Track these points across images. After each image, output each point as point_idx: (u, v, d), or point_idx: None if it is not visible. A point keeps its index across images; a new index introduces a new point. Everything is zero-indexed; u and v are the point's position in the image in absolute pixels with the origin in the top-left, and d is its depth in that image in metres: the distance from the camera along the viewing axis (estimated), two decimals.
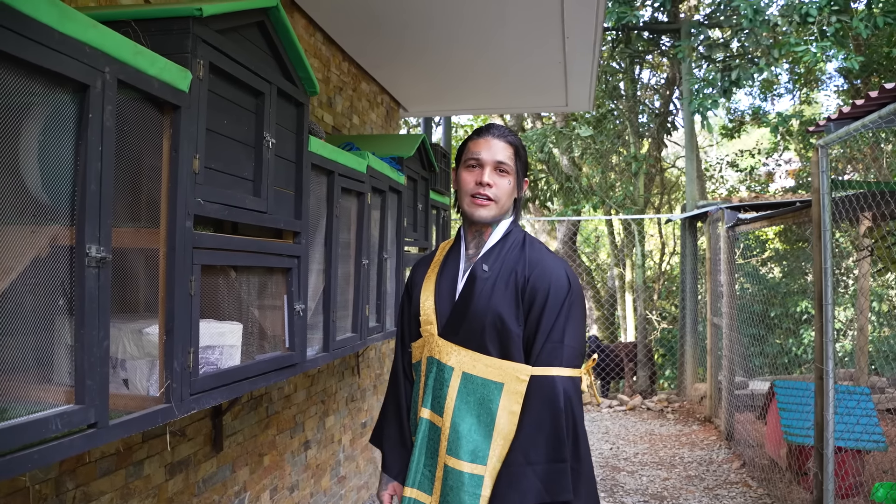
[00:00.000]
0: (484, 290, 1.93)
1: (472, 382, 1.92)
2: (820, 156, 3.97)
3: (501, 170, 1.97)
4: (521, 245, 1.99)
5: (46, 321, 1.46)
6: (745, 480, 5.69)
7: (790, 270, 10.87)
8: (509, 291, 1.91)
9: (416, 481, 1.97)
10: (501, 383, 1.89)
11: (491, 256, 1.98)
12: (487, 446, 1.89)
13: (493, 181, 1.96)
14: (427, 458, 1.97)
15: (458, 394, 1.92)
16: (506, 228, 2.03)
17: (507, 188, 1.99)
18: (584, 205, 11.82)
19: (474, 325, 1.92)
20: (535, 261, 1.94)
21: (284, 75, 2.28)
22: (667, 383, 11.46)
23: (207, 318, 2.03)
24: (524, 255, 1.96)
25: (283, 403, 3.65)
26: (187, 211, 1.75)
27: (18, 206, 1.43)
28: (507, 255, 1.97)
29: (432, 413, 1.98)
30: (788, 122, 10.19)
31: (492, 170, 1.97)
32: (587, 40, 4.48)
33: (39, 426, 1.28)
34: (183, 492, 2.75)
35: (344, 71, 4.59)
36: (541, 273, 1.92)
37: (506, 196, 1.99)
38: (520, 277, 1.92)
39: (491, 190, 1.96)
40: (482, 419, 1.90)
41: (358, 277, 3.11)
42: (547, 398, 1.84)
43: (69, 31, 1.33)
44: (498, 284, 1.92)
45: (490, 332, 1.91)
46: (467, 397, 1.92)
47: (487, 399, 1.90)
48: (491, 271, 1.95)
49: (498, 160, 1.96)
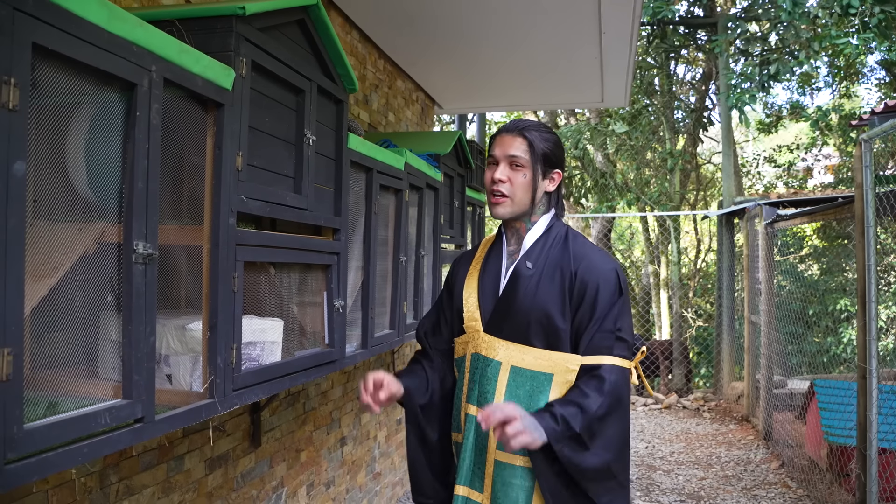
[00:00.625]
0: (529, 288, 1.91)
1: (521, 375, 1.91)
2: (863, 150, 3.88)
3: (515, 164, 1.93)
4: (563, 240, 1.97)
5: (94, 317, 1.48)
6: (784, 481, 5.61)
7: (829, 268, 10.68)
8: (556, 286, 1.90)
9: (468, 479, 1.95)
10: (551, 374, 1.88)
11: (534, 253, 1.96)
12: None
13: (505, 176, 1.93)
14: (476, 454, 1.95)
15: (507, 388, 1.91)
16: (546, 224, 2.01)
17: (522, 182, 1.93)
18: (618, 201, 11.73)
19: (519, 322, 1.91)
20: (581, 254, 1.92)
21: (324, 73, 2.29)
22: (703, 382, 11.34)
23: (249, 314, 2.04)
24: (568, 250, 1.94)
25: (319, 400, 3.68)
26: (230, 208, 1.76)
27: (67, 203, 1.45)
28: (551, 250, 1.95)
29: (479, 409, 1.94)
30: (828, 116, 10.01)
31: (506, 165, 1.94)
32: (624, 35, 4.43)
33: (89, 420, 1.29)
34: (222, 486, 2.78)
35: (379, 68, 4.60)
36: (588, 266, 1.90)
37: (521, 191, 1.94)
38: (566, 272, 1.90)
39: (504, 186, 1.93)
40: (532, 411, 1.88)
41: (396, 274, 3.12)
42: (599, 377, 1.82)
43: (117, 31, 1.35)
44: (543, 281, 1.91)
45: (535, 328, 1.89)
46: (516, 390, 1.90)
47: (537, 391, 1.88)
48: (535, 268, 1.93)
49: (509, 154, 1.93)
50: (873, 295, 3.89)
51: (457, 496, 1.96)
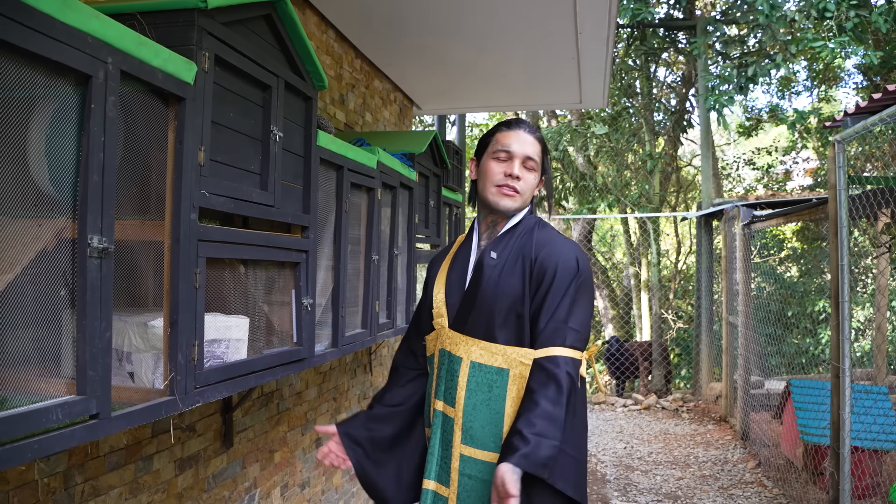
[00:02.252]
0: (492, 277, 1.93)
1: (480, 370, 1.93)
2: (836, 151, 3.91)
3: (529, 165, 2.00)
4: (530, 230, 2.00)
5: (51, 313, 1.46)
6: (760, 480, 5.64)
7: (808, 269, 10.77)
8: (517, 273, 1.92)
9: (435, 473, 1.98)
10: (507, 369, 1.90)
11: (500, 243, 1.99)
12: (500, 434, 1.89)
13: (521, 174, 1.99)
14: (442, 449, 1.98)
15: (467, 383, 1.94)
16: (518, 219, 2.04)
17: (532, 183, 2.03)
18: (599, 203, 11.77)
19: (483, 313, 1.93)
20: (544, 241, 1.95)
21: (292, 69, 2.28)
22: (682, 383, 11.39)
23: (214, 311, 2.02)
24: (533, 238, 1.96)
25: (294, 400, 3.65)
26: (192, 203, 1.74)
27: (24, 199, 1.43)
28: (517, 240, 1.98)
29: (445, 405, 1.99)
30: (806, 119, 10.09)
31: (520, 163, 2.00)
32: (601, 36, 4.44)
33: (40, 416, 1.27)
34: (193, 487, 2.75)
35: (356, 68, 4.58)
36: (549, 252, 1.92)
37: (530, 190, 2.03)
38: (527, 258, 1.92)
39: (519, 183, 1.99)
40: (492, 407, 1.91)
41: (368, 273, 3.10)
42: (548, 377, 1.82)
43: (71, 21, 1.33)
44: (506, 269, 1.93)
45: (498, 318, 1.91)
46: (477, 386, 1.93)
47: (496, 386, 1.90)
48: (500, 258, 1.95)
49: (528, 154, 2.00)
50: (846, 295, 3.92)
51: (426, 490, 1.98)
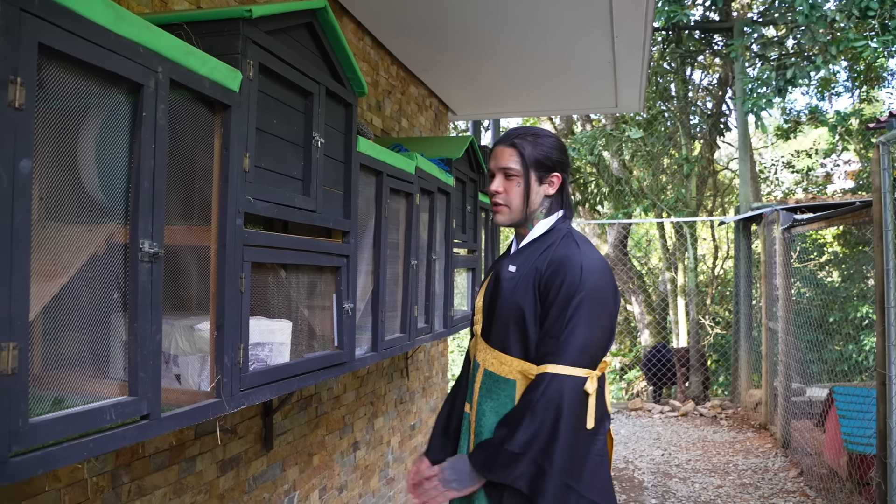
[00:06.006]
0: (507, 291, 1.95)
1: (492, 379, 1.97)
2: (881, 153, 3.85)
3: (508, 175, 2.00)
4: (552, 243, 1.96)
5: (103, 316, 1.50)
6: (802, 490, 5.54)
7: (850, 274, 10.56)
8: (529, 288, 1.91)
9: None
10: (513, 381, 1.92)
11: (520, 257, 1.99)
12: None
13: (501, 188, 2.01)
14: (467, 450, 2.03)
15: (480, 389, 1.99)
16: (545, 228, 2.02)
17: (517, 191, 2.00)
18: (634, 208, 11.69)
19: (500, 325, 1.95)
20: (556, 257, 1.90)
21: (333, 76, 2.31)
22: (721, 390, 11.24)
23: (258, 315, 2.05)
24: (548, 253, 1.93)
25: (332, 404, 3.68)
26: (238, 209, 1.77)
27: (76, 205, 1.47)
28: (537, 254, 1.96)
29: (469, 407, 2.06)
30: (847, 120, 9.92)
31: (501, 177, 2.01)
32: (637, 39, 4.42)
33: (94, 416, 1.31)
34: (234, 489, 2.79)
35: (392, 74, 4.62)
36: (556, 269, 1.87)
37: (517, 199, 2.00)
38: (537, 275, 1.91)
39: (500, 196, 2.01)
40: (499, 414, 1.94)
41: (406, 278, 3.12)
42: (533, 388, 1.82)
43: (124, 32, 1.37)
44: (520, 283, 1.93)
45: (513, 332, 1.92)
46: (488, 393, 1.97)
47: (505, 395, 1.93)
48: (517, 271, 1.96)
49: (501, 166, 2.00)
50: (892, 300, 3.84)
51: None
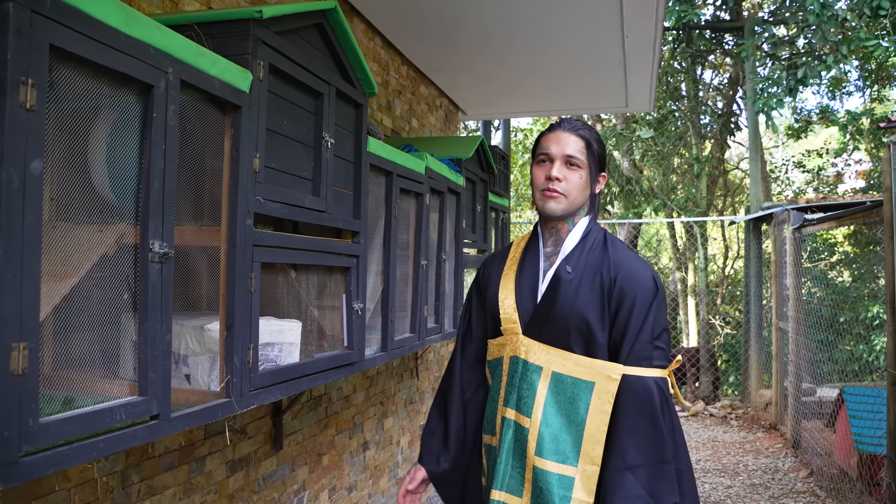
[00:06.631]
0: (568, 293, 1.89)
1: (562, 382, 1.88)
2: (892, 152, 3.82)
3: (571, 163, 1.92)
4: (602, 244, 1.94)
5: (112, 316, 1.50)
6: (812, 490, 5.51)
7: (860, 274, 10.50)
8: (595, 293, 1.87)
9: (505, 484, 1.91)
10: (592, 382, 1.85)
11: (573, 257, 1.94)
12: (578, 447, 1.85)
13: (562, 175, 1.92)
14: (515, 459, 1.91)
15: (547, 393, 1.89)
16: (585, 227, 1.98)
17: (579, 182, 1.93)
18: (645, 207, 11.65)
19: (559, 328, 1.89)
20: (620, 262, 1.89)
21: (343, 76, 2.31)
22: (731, 390, 11.19)
23: (268, 315, 2.06)
24: (608, 256, 1.91)
25: (342, 404, 3.69)
26: (248, 209, 1.78)
27: (88, 205, 1.48)
28: (590, 255, 1.92)
29: (517, 413, 1.92)
30: (858, 120, 9.86)
31: (561, 164, 1.92)
32: (647, 39, 4.41)
33: (104, 416, 1.31)
34: (243, 489, 2.80)
35: (403, 75, 4.62)
36: (627, 274, 1.87)
37: (577, 190, 1.93)
38: (605, 279, 1.87)
39: (560, 184, 1.92)
40: (572, 419, 1.86)
41: (416, 278, 3.12)
42: (643, 399, 1.80)
43: (134, 34, 1.37)
44: (583, 286, 1.88)
45: (575, 335, 1.87)
46: (557, 397, 1.88)
47: (577, 399, 1.86)
48: (575, 273, 1.91)
49: (567, 154, 1.92)
50: None
51: (494, 501, 1.91)
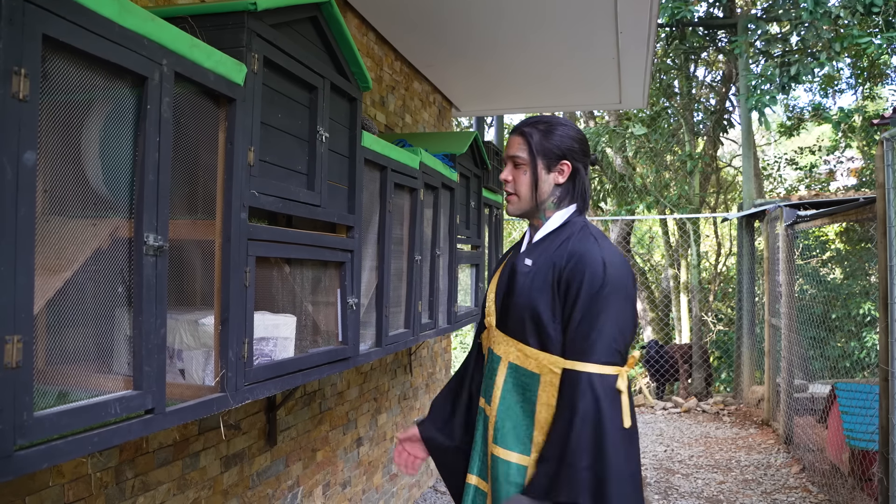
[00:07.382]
0: (524, 285, 1.91)
1: (517, 372, 1.91)
2: (885, 149, 3.84)
3: (517, 163, 1.98)
4: (568, 237, 1.93)
5: (106, 310, 1.49)
6: (804, 486, 5.54)
7: (852, 272, 10.54)
8: (546, 285, 1.87)
9: (477, 468, 1.98)
10: (538, 374, 1.87)
11: (536, 250, 1.96)
12: (531, 437, 1.87)
13: (511, 177, 1.99)
14: (482, 445, 1.98)
15: (503, 383, 1.93)
16: (563, 219, 1.98)
17: (524, 179, 1.97)
18: (637, 205, 11.67)
19: (516, 319, 1.91)
20: (574, 252, 1.87)
21: (337, 70, 2.30)
22: (723, 386, 11.23)
23: (262, 310, 2.05)
24: (566, 247, 1.89)
25: (336, 400, 3.68)
26: (242, 203, 1.77)
27: (81, 198, 1.47)
28: (552, 247, 1.93)
29: (485, 402, 1.99)
30: (850, 117, 9.89)
31: (511, 165, 1.99)
32: (641, 35, 4.41)
33: (99, 410, 1.30)
34: (237, 484, 2.79)
35: (396, 70, 4.61)
36: (576, 264, 1.84)
37: (525, 187, 1.97)
38: (556, 270, 1.87)
39: (510, 185, 1.99)
40: (525, 410, 1.89)
41: (410, 274, 3.11)
42: (568, 395, 1.78)
43: (128, 24, 1.36)
44: (537, 278, 1.89)
45: (529, 327, 1.88)
46: (513, 387, 1.91)
47: (529, 390, 1.89)
48: (534, 265, 1.92)
49: (510, 155, 1.98)
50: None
51: (468, 484, 2.00)
